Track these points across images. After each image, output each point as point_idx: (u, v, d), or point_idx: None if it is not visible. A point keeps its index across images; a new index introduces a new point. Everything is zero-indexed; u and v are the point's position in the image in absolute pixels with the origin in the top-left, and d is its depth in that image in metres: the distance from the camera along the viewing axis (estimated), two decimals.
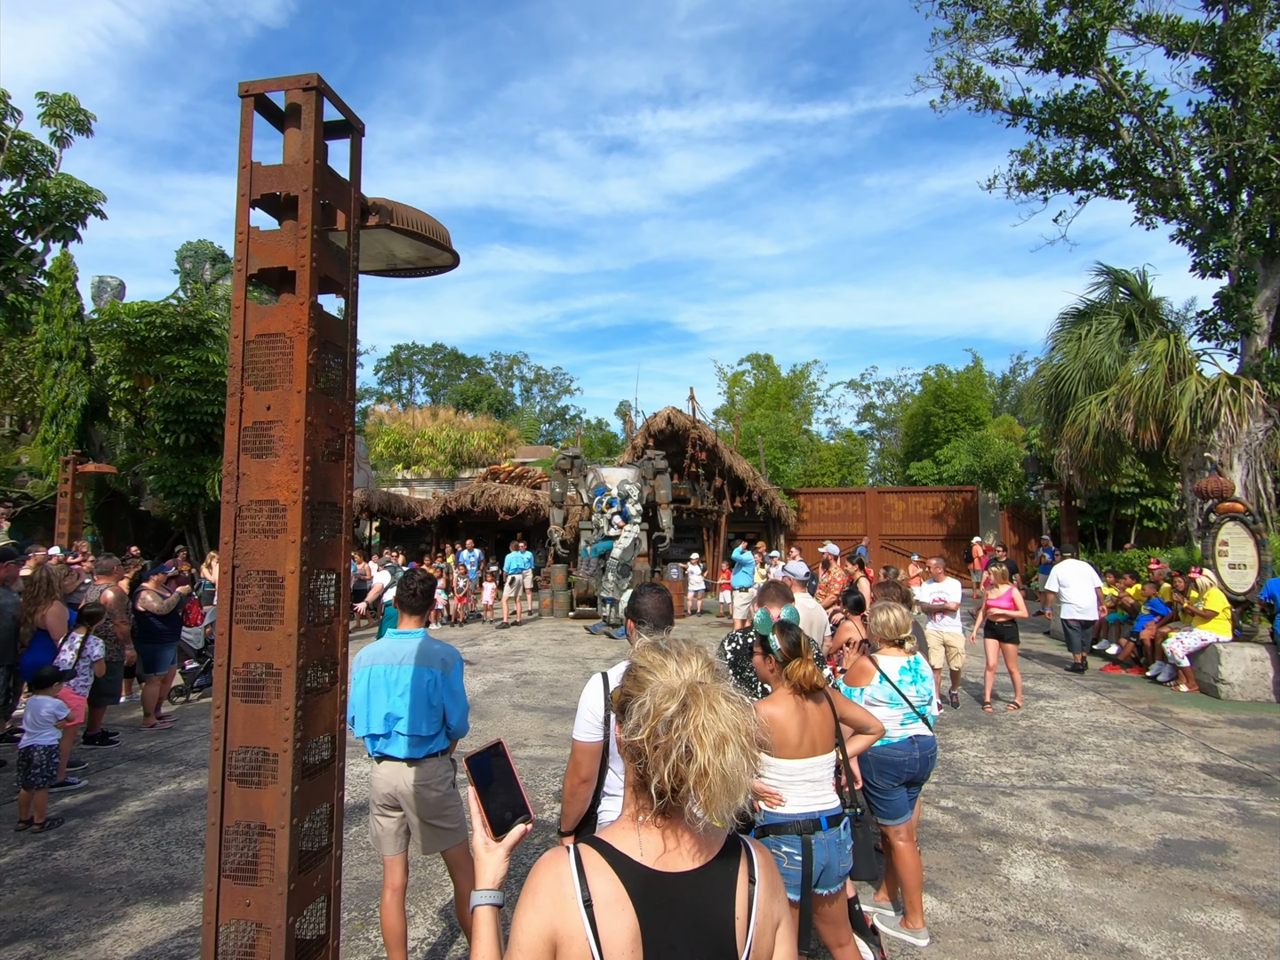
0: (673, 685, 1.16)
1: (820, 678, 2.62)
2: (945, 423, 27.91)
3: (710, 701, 1.12)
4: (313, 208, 1.90)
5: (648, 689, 1.17)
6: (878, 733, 2.91)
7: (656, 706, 1.14)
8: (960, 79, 13.28)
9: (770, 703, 2.65)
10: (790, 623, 2.83)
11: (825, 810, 2.61)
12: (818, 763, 2.62)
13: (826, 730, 2.65)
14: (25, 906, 3.74)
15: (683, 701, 1.13)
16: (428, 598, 3.08)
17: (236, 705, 1.83)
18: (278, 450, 1.85)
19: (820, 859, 2.55)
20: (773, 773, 2.62)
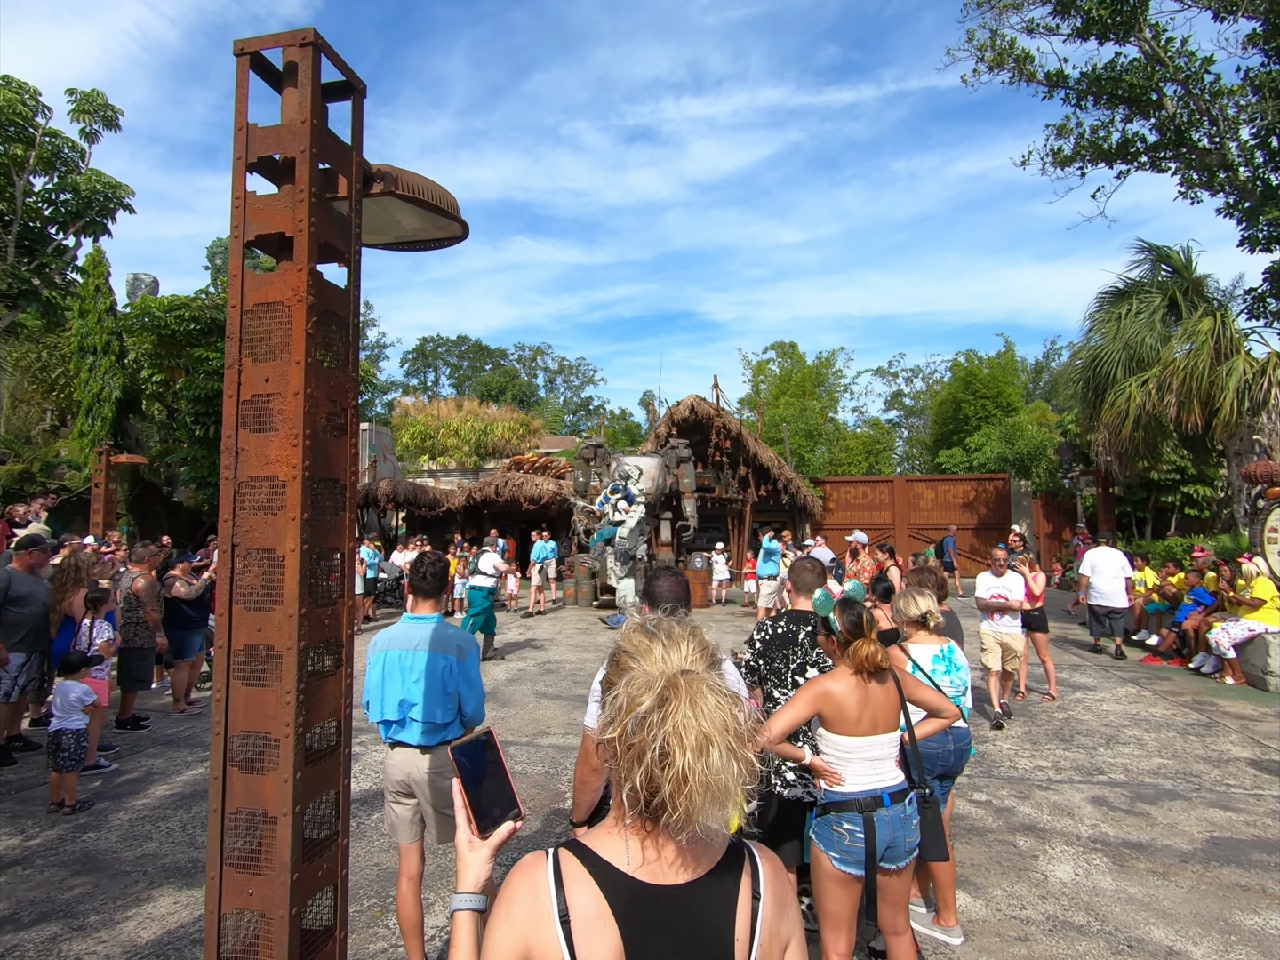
0: (651, 675, 1.02)
1: (885, 658, 2.52)
2: (976, 409, 27.28)
3: (692, 695, 0.98)
4: (311, 170, 1.81)
5: (624, 678, 1.04)
6: (951, 717, 2.82)
7: (630, 700, 1.00)
8: (993, 51, 12.80)
9: (830, 677, 2.61)
10: (853, 600, 2.72)
11: (888, 787, 2.55)
12: (879, 741, 2.55)
13: (890, 710, 2.58)
14: (54, 887, 3.78)
15: (660, 694, 0.99)
16: (440, 580, 3.01)
17: (237, 689, 1.76)
18: (277, 424, 1.78)
19: (884, 835, 2.49)
20: (829, 747, 2.59)
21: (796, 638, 3.22)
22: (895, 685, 2.62)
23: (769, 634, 3.32)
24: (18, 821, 4.58)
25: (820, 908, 2.56)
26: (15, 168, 11.49)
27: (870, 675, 2.54)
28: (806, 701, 2.55)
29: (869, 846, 2.45)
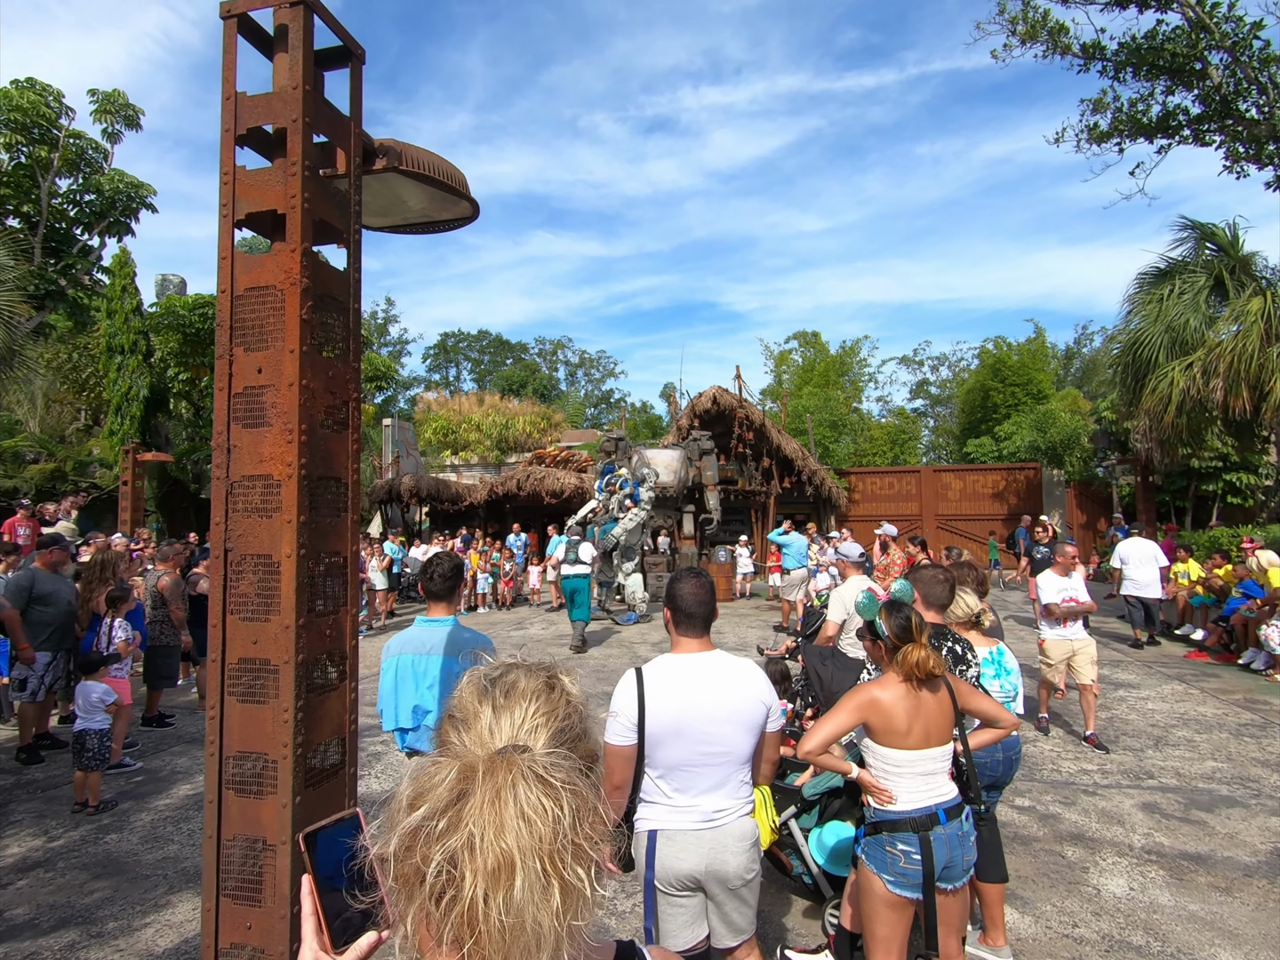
0: (464, 757, 0.75)
1: (939, 663, 2.33)
2: (1005, 397, 26.63)
3: (499, 789, 0.70)
4: (304, 141, 1.66)
5: (415, 767, 0.79)
6: (1009, 726, 2.61)
7: (410, 797, 0.74)
8: (1025, 23, 12.31)
9: (877, 685, 2.42)
10: (901, 601, 2.53)
11: (942, 803, 2.36)
12: (931, 755, 2.36)
13: (943, 721, 2.39)
14: (74, 891, 3.74)
15: (455, 789, 0.72)
16: (452, 582, 2.87)
17: (233, 706, 1.63)
18: (270, 419, 1.63)
19: (941, 855, 2.30)
20: (877, 760, 2.40)
21: (941, 655, 2.95)
22: (948, 693, 2.43)
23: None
24: (42, 822, 4.57)
25: (869, 931, 2.39)
26: (40, 170, 11.60)
27: (921, 683, 2.35)
28: (851, 710, 2.37)
29: (927, 868, 2.27)
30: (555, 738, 0.83)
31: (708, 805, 2.17)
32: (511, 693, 0.86)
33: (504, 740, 0.81)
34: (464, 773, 0.74)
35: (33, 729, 5.90)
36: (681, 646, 2.28)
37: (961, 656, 2.95)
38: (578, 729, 0.86)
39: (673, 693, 2.16)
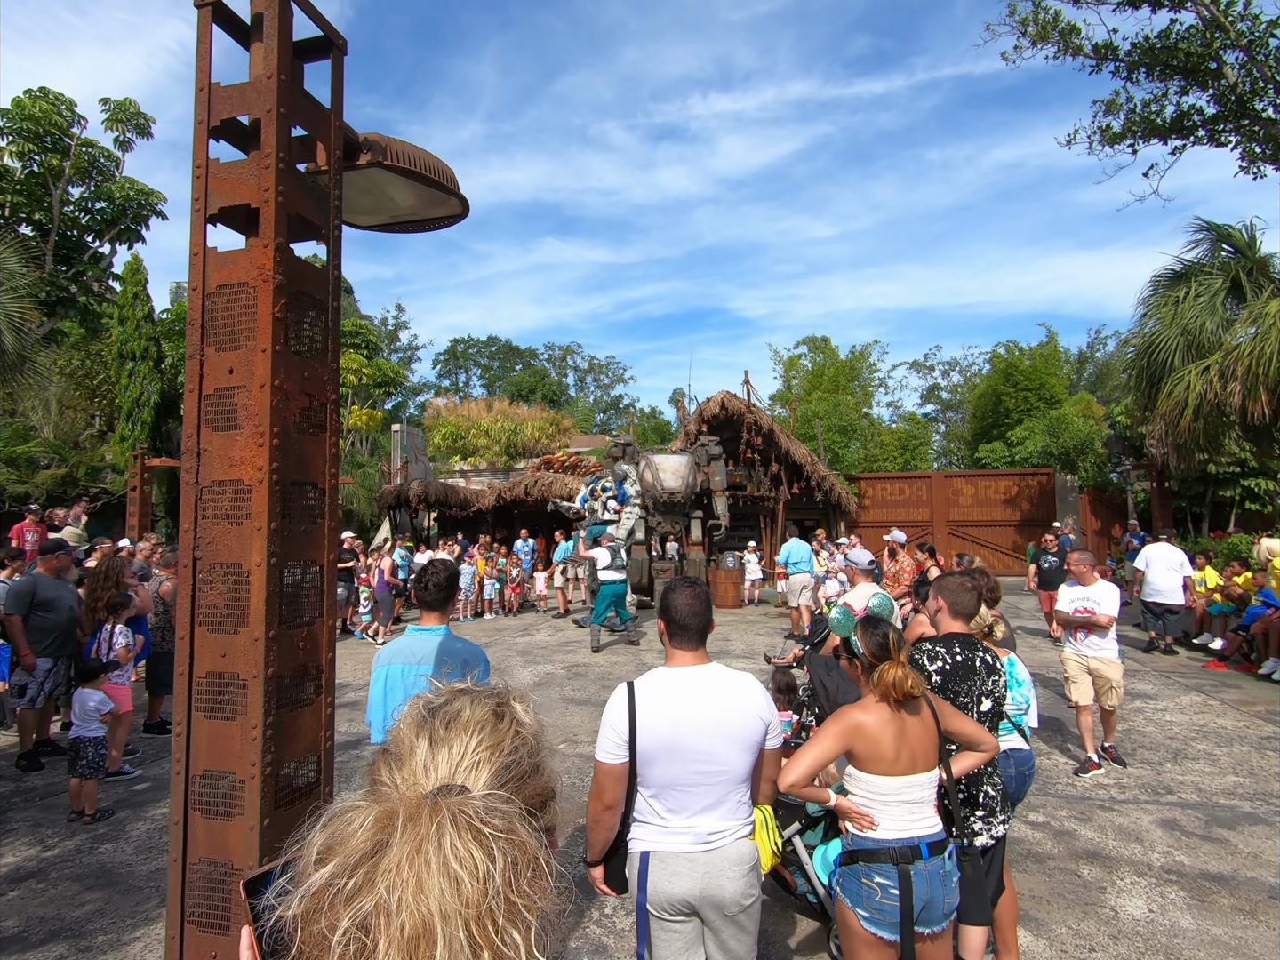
0: (380, 804, 0.66)
1: (916, 683, 2.20)
2: (1017, 402, 26.34)
3: (421, 841, 0.61)
4: (278, 132, 1.59)
5: (334, 810, 0.68)
6: (991, 750, 2.44)
7: (321, 848, 0.64)
8: (1036, 25, 12.18)
9: (860, 708, 2.27)
10: (879, 617, 2.41)
11: (926, 836, 2.22)
12: (917, 781, 2.22)
13: (928, 744, 2.25)
14: (65, 904, 3.68)
15: (373, 841, 0.62)
16: (445, 591, 2.79)
17: (199, 722, 1.55)
18: (241, 421, 1.56)
19: (921, 893, 2.16)
20: (863, 789, 2.26)
21: (974, 665, 2.77)
22: (931, 714, 2.29)
23: (947, 663, 2.75)
24: (38, 831, 4.52)
25: None
26: (52, 178, 11.71)
27: (900, 704, 2.22)
28: (835, 736, 2.22)
29: (905, 905, 2.12)
30: (499, 776, 0.74)
31: (703, 826, 2.08)
32: (453, 724, 0.77)
33: (439, 779, 0.72)
34: (382, 820, 0.64)
35: (33, 735, 5.87)
36: (675, 660, 2.19)
37: (993, 667, 2.81)
38: (526, 765, 0.77)
39: (666, 708, 2.07)
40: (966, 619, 2.90)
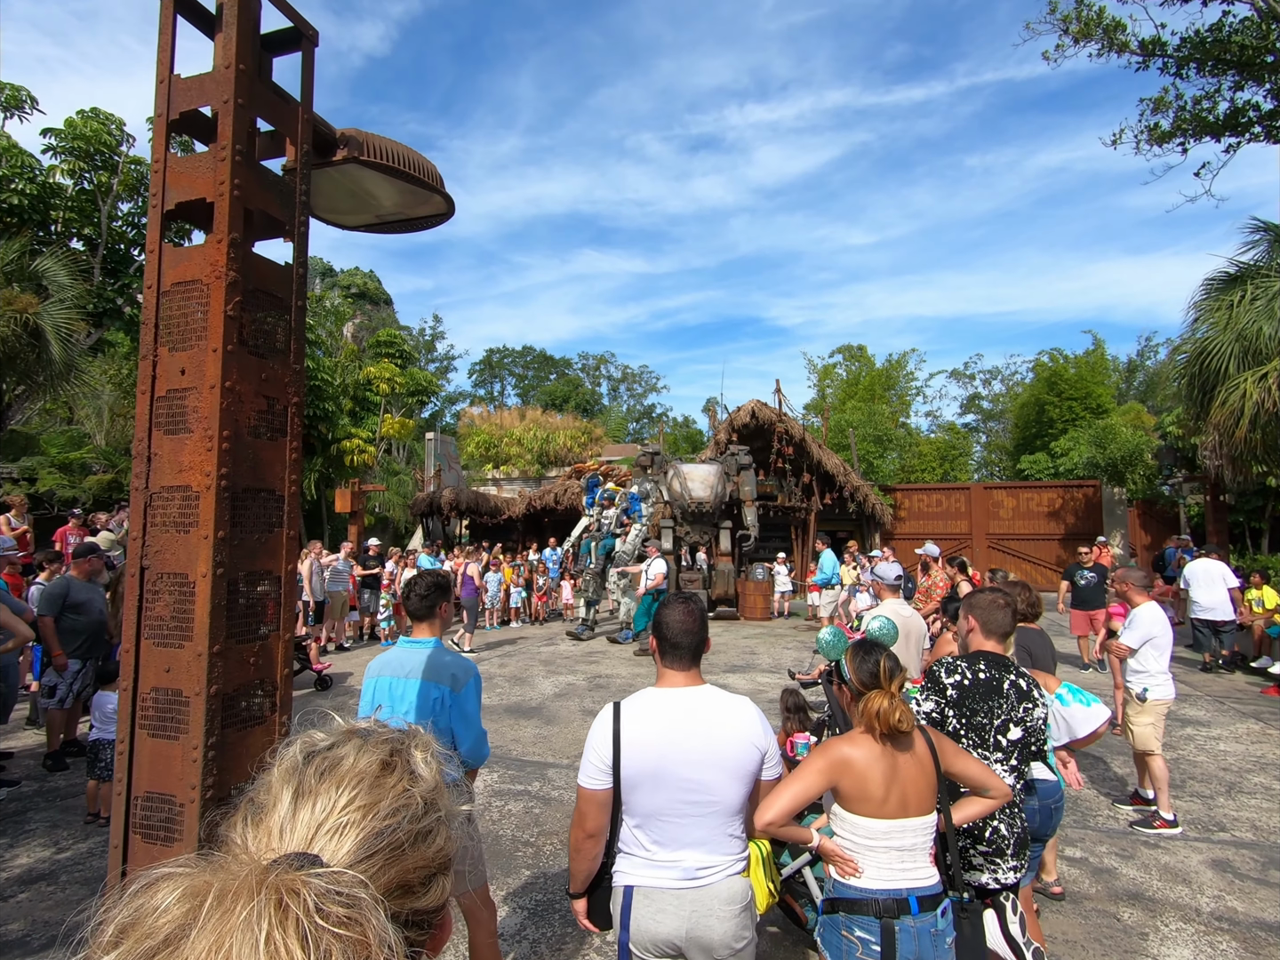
0: (198, 875, 0.54)
1: (904, 717, 2.00)
2: (1062, 412, 25.48)
3: (226, 936, 0.50)
4: (234, 124, 1.53)
5: (146, 879, 0.55)
6: (1001, 798, 2.19)
7: (121, 925, 0.53)
8: (1079, 22, 11.79)
9: (847, 741, 2.08)
10: (875, 642, 2.22)
11: (917, 888, 2.01)
12: (909, 826, 2.02)
13: (924, 785, 2.04)
14: (71, 908, 3.68)
15: (172, 926, 0.50)
16: (431, 601, 2.70)
17: (143, 740, 1.48)
18: (192, 424, 1.49)
19: (906, 952, 1.94)
20: (848, 831, 2.06)
21: (1000, 687, 2.56)
22: (930, 753, 2.08)
23: (966, 678, 2.57)
24: (54, 832, 4.57)
25: None
26: (101, 194, 12.16)
27: (888, 738, 2.02)
28: (819, 771, 2.04)
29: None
30: (366, 844, 0.61)
31: (691, 861, 1.93)
32: (328, 774, 0.66)
33: (295, 842, 0.61)
34: (191, 898, 0.52)
35: (60, 736, 5.98)
36: (666, 680, 2.06)
37: (1027, 693, 2.58)
38: (409, 831, 0.64)
39: (652, 732, 1.93)
40: (1000, 638, 2.68)
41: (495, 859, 4.15)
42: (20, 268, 9.82)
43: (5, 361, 8.71)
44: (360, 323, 32.97)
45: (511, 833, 4.53)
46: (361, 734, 0.74)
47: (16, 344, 8.72)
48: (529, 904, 3.69)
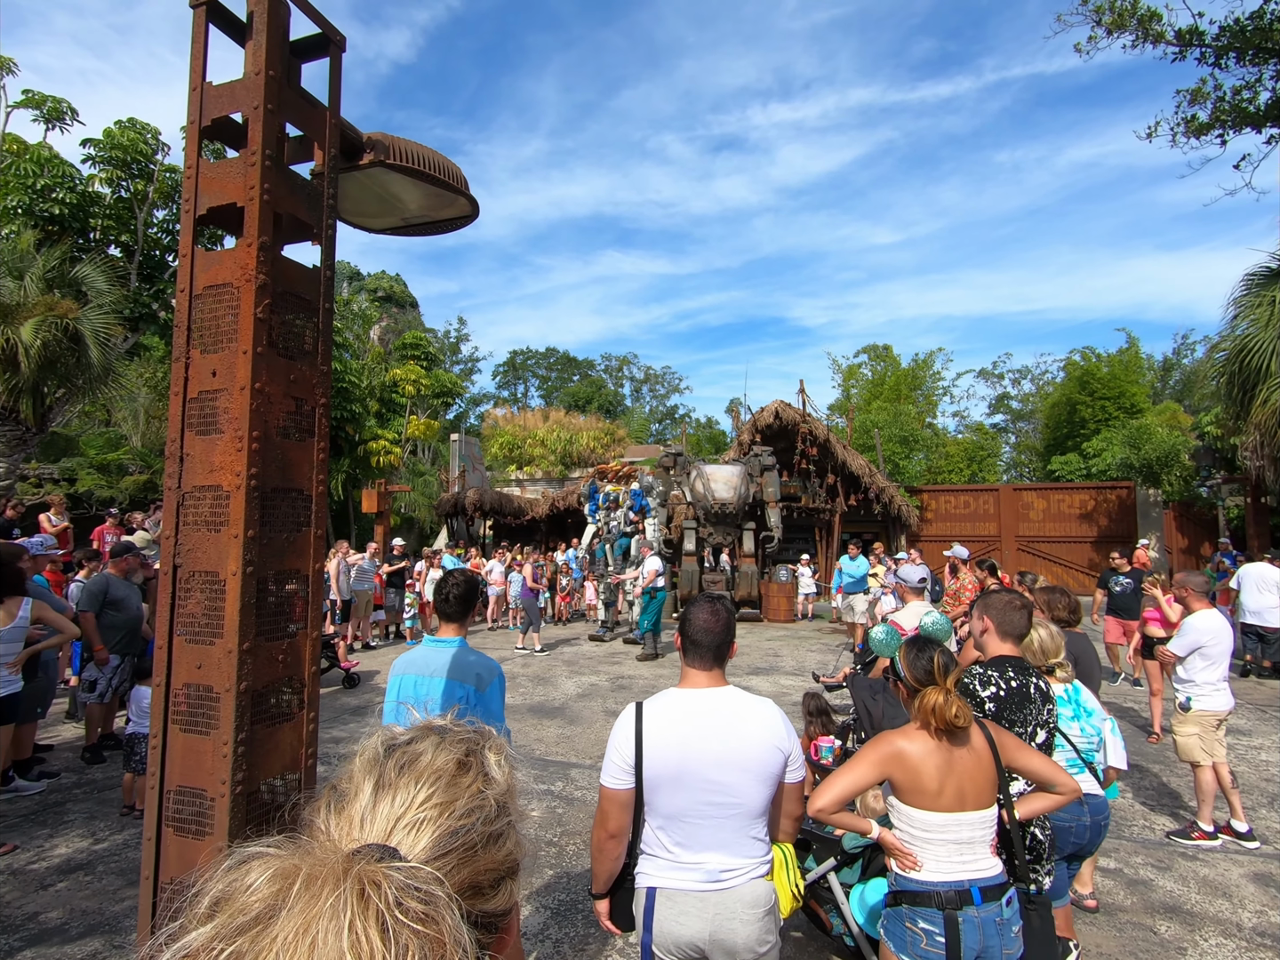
0: (287, 859, 0.55)
1: (961, 712, 1.99)
2: (1094, 412, 24.92)
3: (312, 922, 0.50)
4: (264, 129, 1.55)
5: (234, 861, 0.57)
6: (1069, 793, 2.16)
7: (216, 897, 0.54)
8: (1112, 12, 11.52)
9: (902, 734, 2.08)
10: (930, 638, 2.20)
11: (979, 879, 2.00)
12: (966, 820, 2.01)
13: (983, 780, 2.03)
14: (107, 898, 3.78)
15: (263, 906, 0.52)
16: (464, 603, 2.73)
17: (175, 735, 1.51)
18: (222, 425, 1.52)
19: (972, 943, 1.94)
20: (904, 822, 2.07)
21: (1029, 692, 2.53)
22: (989, 747, 2.06)
23: (1001, 689, 2.51)
24: (92, 824, 4.69)
25: None
26: (138, 202, 12.48)
27: (944, 733, 2.01)
28: (873, 763, 2.05)
29: (950, 955, 1.92)
30: (442, 842, 0.62)
31: (714, 863, 1.92)
32: (407, 769, 0.67)
33: (373, 834, 0.62)
34: (279, 880, 0.54)
35: (98, 729, 6.14)
36: (688, 680, 2.05)
37: (1047, 694, 2.55)
38: (482, 833, 0.65)
39: (673, 733, 1.93)
40: (1016, 640, 2.64)
41: None
42: (61, 274, 10.12)
43: (47, 365, 8.98)
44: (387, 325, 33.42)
45: (534, 832, 4.55)
46: (439, 731, 0.75)
47: (58, 348, 9.00)
48: (552, 904, 3.70)
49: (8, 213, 13.66)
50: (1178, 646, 4.69)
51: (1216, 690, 4.57)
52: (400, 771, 0.67)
